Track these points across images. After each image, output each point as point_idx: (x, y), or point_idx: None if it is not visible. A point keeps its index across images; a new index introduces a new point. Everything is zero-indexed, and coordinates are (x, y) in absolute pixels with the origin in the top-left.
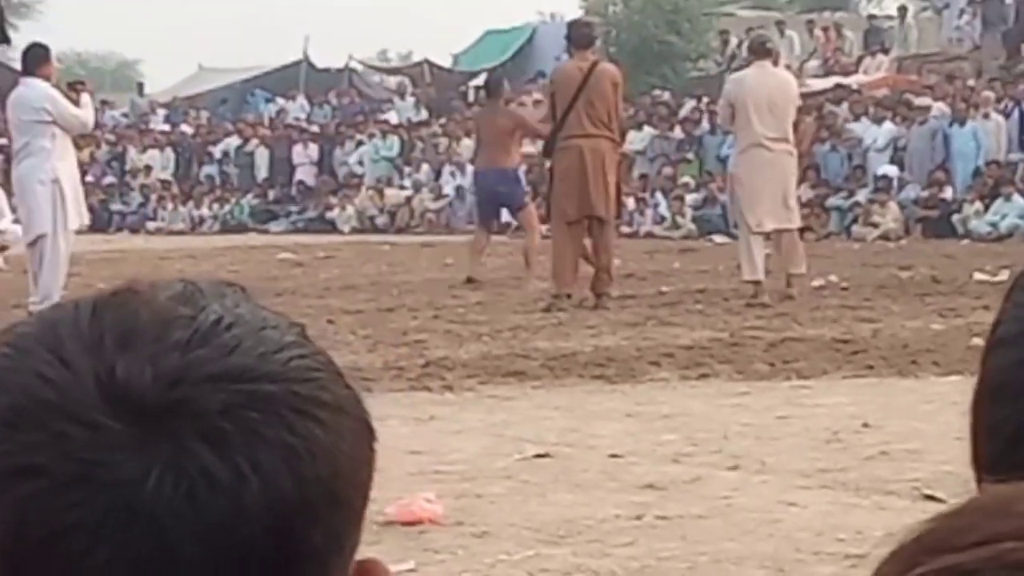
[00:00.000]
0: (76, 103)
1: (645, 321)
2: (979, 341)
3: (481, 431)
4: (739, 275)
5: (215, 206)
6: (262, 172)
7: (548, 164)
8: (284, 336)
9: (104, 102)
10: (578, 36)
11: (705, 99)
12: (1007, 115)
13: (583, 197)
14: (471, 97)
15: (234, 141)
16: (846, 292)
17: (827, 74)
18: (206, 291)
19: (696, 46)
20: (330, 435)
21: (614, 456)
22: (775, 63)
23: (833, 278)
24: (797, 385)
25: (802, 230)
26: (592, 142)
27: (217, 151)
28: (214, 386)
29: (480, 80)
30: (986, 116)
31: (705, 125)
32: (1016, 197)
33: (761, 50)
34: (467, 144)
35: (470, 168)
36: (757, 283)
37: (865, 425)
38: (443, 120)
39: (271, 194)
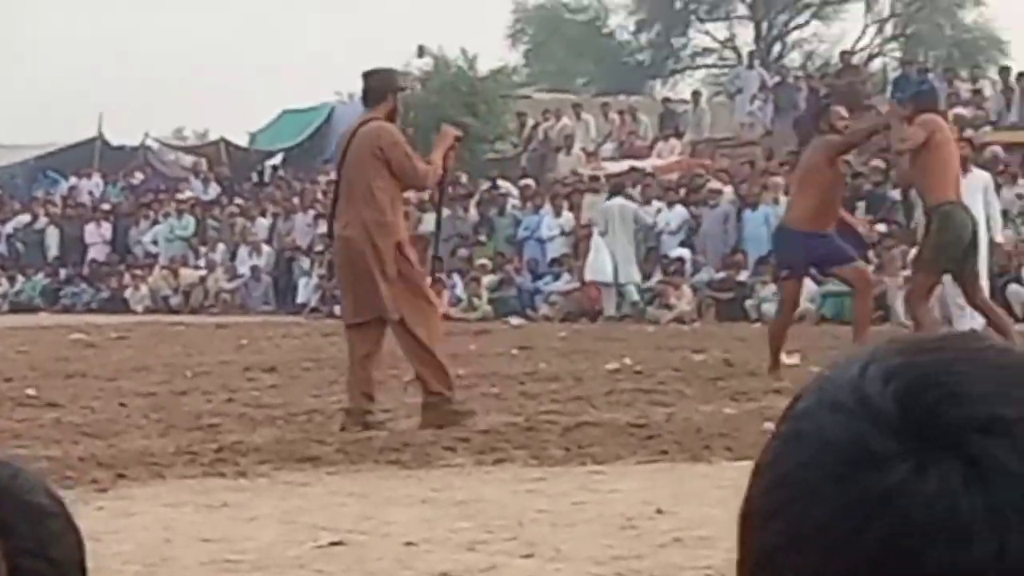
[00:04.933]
0: None
1: None
2: (771, 426)
3: (275, 518)
4: (533, 357)
5: (4, 284)
6: (52, 251)
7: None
8: None
9: None
10: (365, 89)
11: (501, 181)
12: None
13: (354, 297)
14: (267, 176)
15: (24, 219)
16: (640, 375)
17: (622, 157)
18: None
19: (493, 128)
20: None
21: (408, 544)
22: None
23: (627, 361)
24: (592, 470)
25: (598, 311)
26: (348, 231)
27: (7, 228)
28: None
29: (277, 160)
30: (776, 201)
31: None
32: (807, 281)
33: None
34: (263, 223)
35: (266, 248)
36: None
37: (659, 511)
38: (239, 199)
39: (63, 273)
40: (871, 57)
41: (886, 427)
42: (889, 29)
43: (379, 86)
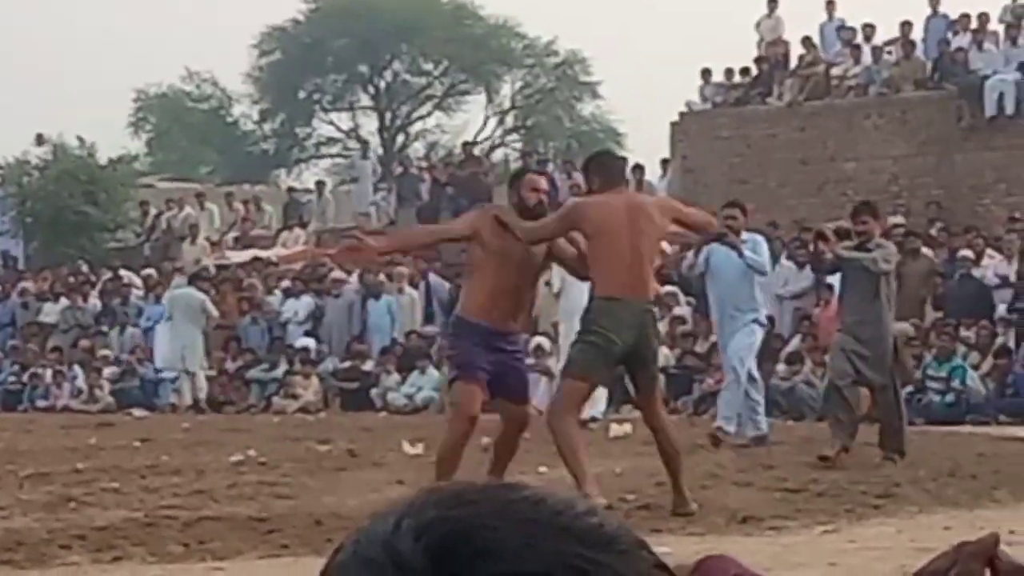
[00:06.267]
0: None
1: (61, 501)
2: None
3: None
4: (155, 449)
5: None
6: None
7: None
8: None
9: None
10: None
11: (123, 270)
12: (417, 287)
13: None
14: None
15: None
16: (264, 467)
17: (246, 247)
18: None
19: (115, 217)
20: None
21: None
22: None
23: (252, 452)
24: (212, 567)
25: (223, 402)
26: None
27: None
28: None
29: None
30: (400, 290)
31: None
32: (431, 370)
33: None
34: None
35: None
36: None
37: None
38: None
39: None
40: (493, 148)
41: None
42: (510, 121)
43: None
